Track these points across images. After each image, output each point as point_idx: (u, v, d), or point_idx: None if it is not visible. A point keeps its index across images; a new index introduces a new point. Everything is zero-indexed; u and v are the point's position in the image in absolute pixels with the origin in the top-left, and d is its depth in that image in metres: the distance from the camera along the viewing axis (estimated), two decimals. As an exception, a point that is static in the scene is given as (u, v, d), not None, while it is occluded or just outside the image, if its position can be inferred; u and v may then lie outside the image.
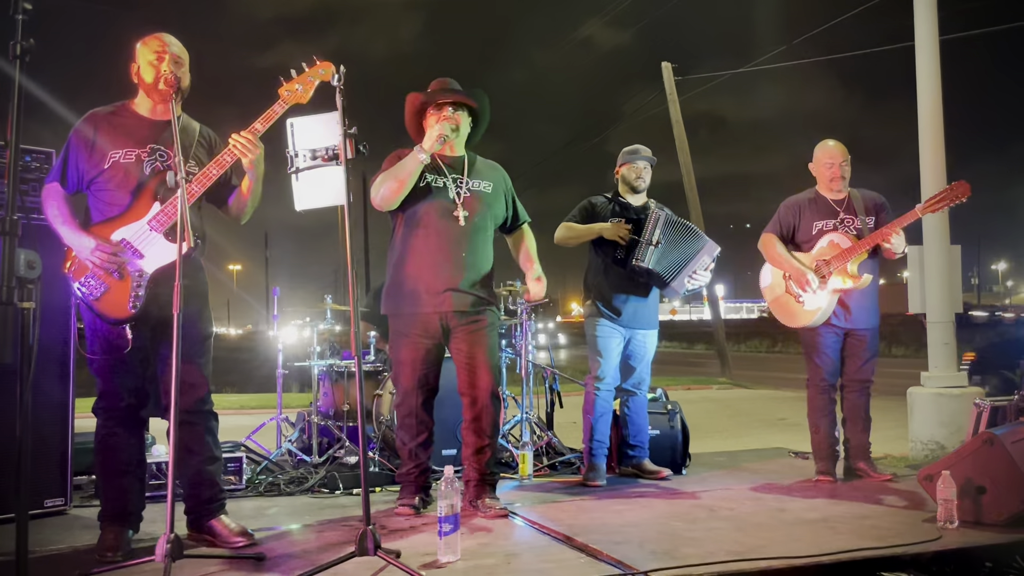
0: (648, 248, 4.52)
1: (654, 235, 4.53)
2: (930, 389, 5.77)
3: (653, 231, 4.54)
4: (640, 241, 4.53)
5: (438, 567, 2.83)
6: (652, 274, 4.53)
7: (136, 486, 3.21)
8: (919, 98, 6.03)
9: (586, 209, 4.73)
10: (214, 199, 3.32)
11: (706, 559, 2.88)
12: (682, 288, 4.63)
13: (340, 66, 3.01)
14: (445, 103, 3.77)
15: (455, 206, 3.73)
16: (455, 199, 3.74)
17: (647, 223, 4.57)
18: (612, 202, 4.74)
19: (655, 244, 4.52)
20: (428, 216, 3.72)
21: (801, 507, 3.85)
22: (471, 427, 3.75)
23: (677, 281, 4.55)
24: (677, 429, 4.91)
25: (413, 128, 3.87)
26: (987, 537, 3.25)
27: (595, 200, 4.77)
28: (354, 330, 2.92)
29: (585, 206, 4.74)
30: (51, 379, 3.67)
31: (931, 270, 5.93)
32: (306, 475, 4.55)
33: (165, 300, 2.88)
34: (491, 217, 3.86)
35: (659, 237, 4.53)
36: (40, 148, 3.72)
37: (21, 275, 2.14)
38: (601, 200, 4.76)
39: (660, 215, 4.59)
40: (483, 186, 3.84)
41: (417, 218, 3.74)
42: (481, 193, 3.82)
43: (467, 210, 3.74)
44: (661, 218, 4.58)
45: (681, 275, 4.55)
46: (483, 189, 3.84)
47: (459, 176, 3.80)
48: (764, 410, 10.67)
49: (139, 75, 3.14)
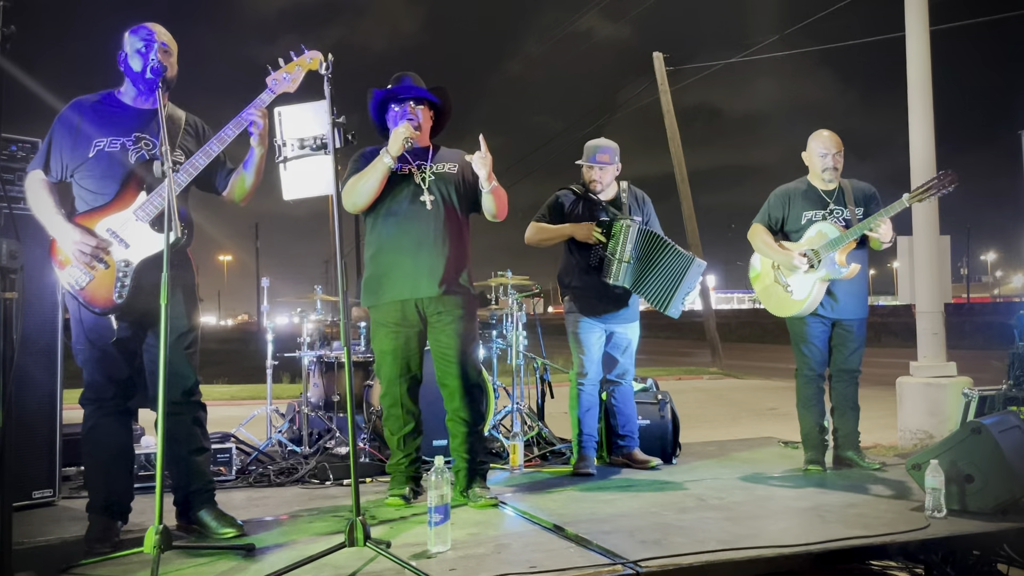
0: (621, 265, 4.38)
1: (624, 251, 4.39)
2: (919, 379, 5.80)
3: (624, 247, 4.39)
4: (609, 256, 4.40)
5: (428, 557, 2.82)
6: (636, 293, 4.43)
7: (124, 477, 3.19)
8: (909, 88, 6.05)
9: (553, 207, 4.63)
10: (207, 186, 3.30)
11: (696, 548, 2.89)
12: (678, 312, 4.50)
13: (328, 54, 2.99)
14: (406, 98, 3.76)
15: (421, 191, 3.72)
16: (420, 184, 3.74)
17: (619, 237, 4.40)
18: (580, 199, 4.64)
19: (627, 261, 4.39)
20: (396, 204, 3.72)
21: (790, 496, 3.87)
22: (453, 417, 3.76)
23: (673, 307, 4.40)
24: (667, 419, 4.92)
25: (380, 123, 3.86)
26: (974, 526, 3.26)
27: (563, 196, 4.65)
28: (343, 319, 2.91)
29: (552, 203, 4.65)
30: (38, 370, 3.64)
31: (920, 260, 5.96)
32: (296, 466, 4.54)
33: (151, 290, 2.86)
34: (460, 199, 3.80)
35: (631, 253, 4.39)
36: (25, 137, 3.68)
37: (3, 265, 2.13)
38: (569, 196, 4.64)
39: (631, 228, 4.42)
40: (447, 167, 3.82)
41: (386, 207, 3.73)
42: (446, 175, 3.80)
43: (433, 194, 3.73)
44: (631, 231, 4.41)
45: (676, 300, 4.39)
46: (448, 171, 3.82)
47: (423, 162, 3.79)
48: (754, 400, 10.72)
49: (126, 63, 3.12)
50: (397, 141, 3.63)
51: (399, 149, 3.63)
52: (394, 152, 3.63)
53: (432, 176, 3.77)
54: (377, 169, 3.65)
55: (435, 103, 3.87)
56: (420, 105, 3.79)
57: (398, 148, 3.63)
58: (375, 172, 3.65)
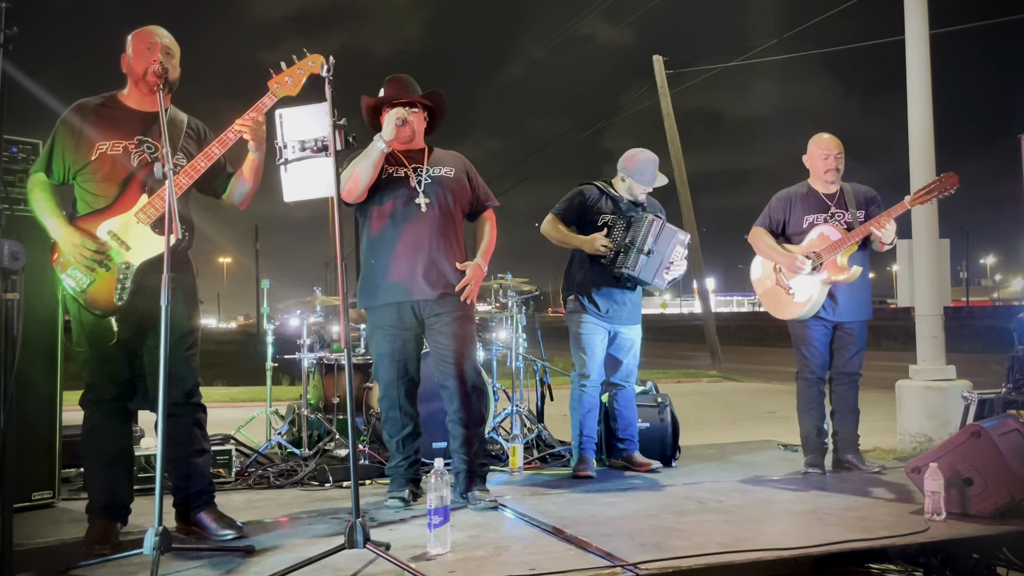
0: (640, 257, 4.43)
1: (646, 243, 4.44)
2: (918, 382, 5.80)
3: (646, 239, 4.44)
4: (629, 246, 4.44)
5: (428, 559, 2.83)
6: (636, 279, 4.50)
7: (124, 479, 3.20)
8: (909, 92, 6.05)
9: (576, 203, 4.64)
10: (208, 190, 3.31)
11: (695, 551, 2.89)
12: (663, 283, 4.61)
13: (330, 57, 3.00)
14: (399, 103, 3.76)
15: (416, 193, 3.73)
16: (416, 187, 3.74)
17: (642, 229, 4.46)
18: (604, 195, 4.66)
19: (647, 253, 4.44)
20: (391, 206, 3.72)
21: (790, 499, 3.87)
22: (453, 419, 3.76)
23: (658, 278, 4.52)
24: (667, 422, 4.92)
25: (375, 126, 3.86)
26: (974, 529, 3.27)
27: (587, 191, 4.65)
28: (343, 322, 2.91)
29: (574, 199, 4.64)
30: (38, 371, 3.64)
31: (920, 264, 5.96)
32: (296, 468, 4.54)
33: (152, 292, 2.86)
34: (455, 202, 3.82)
35: (651, 245, 4.44)
36: (26, 139, 3.69)
37: (5, 266, 2.13)
38: (593, 192, 4.65)
39: (657, 223, 4.48)
40: (444, 171, 3.83)
41: (381, 210, 3.74)
42: (443, 179, 3.81)
43: (429, 197, 3.73)
44: (656, 226, 4.47)
45: (659, 270, 4.51)
46: (444, 174, 3.82)
47: (419, 165, 3.80)
48: (754, 403, 10.72)
49: (129, 66, 3.13)
50: (389, 124, 3.62)
51: (392, 132, 3.63)
52: (387, 136, 3.62)
53: (428, 179, 3.77)
54: (370, 155, 3.64)
55: (429, 106, 3.87)
56: (413, 108, 3.79)
57: (391, 131, 3.62)
58: (368, 157, 3.64)
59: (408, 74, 3.93)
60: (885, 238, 4.33)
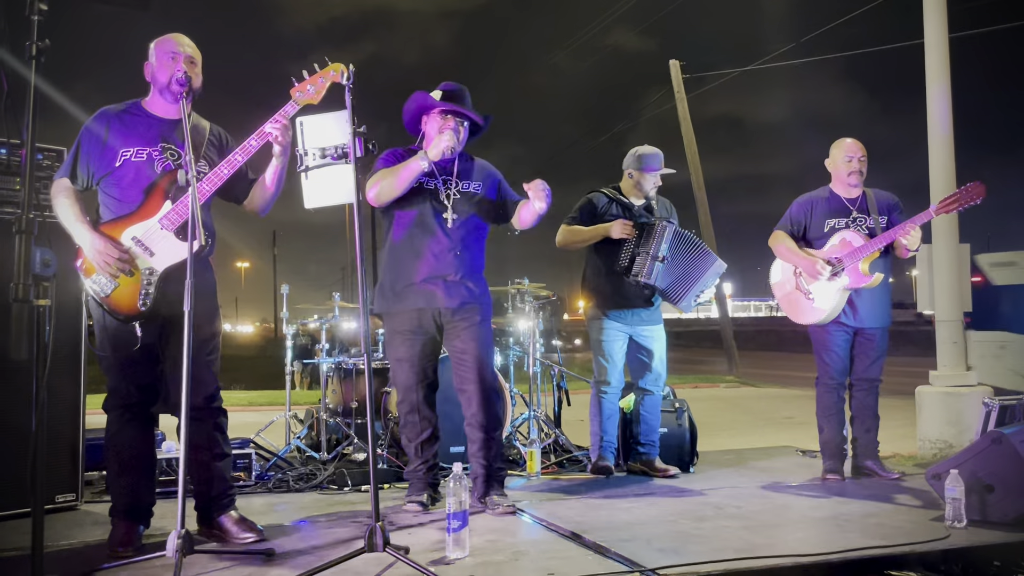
0: (654, 264, 4.43)
1: (660, 249, 4.43)
2: (938, 388, 5.75)
3: (659, 245, 4.44)
4: (643, 253, 4.45)
5: (447, 563, 2.84)
6: (657, 289, 4.50)
7: (146, 482, 3.23)
8: (928, 96, 6.00)
9: (587, 209, 4.68)
10: (230, 196, 3.34)
11: (713, 557, 2.89)
12: (690, 308, 4.61)
13: (350, 65, 3.03)
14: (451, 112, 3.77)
15: (444, 208, 3.75)
16: (444, 201, 3.76)
17: (654, 235, 4.46)
18: (613, 201, 4.67)
19: (661, 260, 4.43)
20: (418, 217, 3.75)
21: (808, 505, 3.85)
22: (471, 423, 3.78)
23: (685, 302, 4.50)
24: (685, 427, 4.92)
25: (412, 123, 3.88)
26: (995, 536, 3.24)
27: (595, 199, 4.69)
28: (364, 326, 2.94)
29: (585, 206, 4.69)
30: (62, 376, 3.69)
31: (940, 269, 5.92)
32: (315, 471, 4.57)
33: (174, 298, 2.90)
34: (482, 218, 3.86)
35: (665, 252, 4.44)
36: (51, 146, 3.74)
37: (37, 273, 2.17)
38: (602, 199, 4.69)
39: (668, 228, 4.48)
40: (473, 187, 3.85)
41: (408, 219, 3.77)
42: (471, 195, 3.83)
43: (456, 212, 3.76)
44: (668, 231, 4.47)
45: (689, 295, 4.50)
46: (473, 191, 3.85)
47: (448, 177, 3.81)
48: (772, 408, 10.65)
49: (153, 75, 3.17)
50: (439, 147, 3.63)
51: (439, 155, 3.64)
52: (433, 156, 3.64)
53: (457, 194, 3.79)
54: (411, 168, 3.65)
55: (477, 124, 3.88)
56: (463, 122, 3.80)
57: (438, 154, 3.64)
58: (408, 171, 3.65)
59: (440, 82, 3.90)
60: (911, 245, 4.32)
